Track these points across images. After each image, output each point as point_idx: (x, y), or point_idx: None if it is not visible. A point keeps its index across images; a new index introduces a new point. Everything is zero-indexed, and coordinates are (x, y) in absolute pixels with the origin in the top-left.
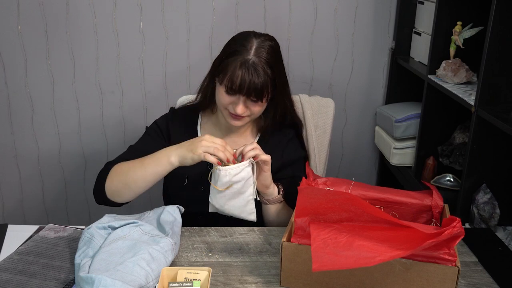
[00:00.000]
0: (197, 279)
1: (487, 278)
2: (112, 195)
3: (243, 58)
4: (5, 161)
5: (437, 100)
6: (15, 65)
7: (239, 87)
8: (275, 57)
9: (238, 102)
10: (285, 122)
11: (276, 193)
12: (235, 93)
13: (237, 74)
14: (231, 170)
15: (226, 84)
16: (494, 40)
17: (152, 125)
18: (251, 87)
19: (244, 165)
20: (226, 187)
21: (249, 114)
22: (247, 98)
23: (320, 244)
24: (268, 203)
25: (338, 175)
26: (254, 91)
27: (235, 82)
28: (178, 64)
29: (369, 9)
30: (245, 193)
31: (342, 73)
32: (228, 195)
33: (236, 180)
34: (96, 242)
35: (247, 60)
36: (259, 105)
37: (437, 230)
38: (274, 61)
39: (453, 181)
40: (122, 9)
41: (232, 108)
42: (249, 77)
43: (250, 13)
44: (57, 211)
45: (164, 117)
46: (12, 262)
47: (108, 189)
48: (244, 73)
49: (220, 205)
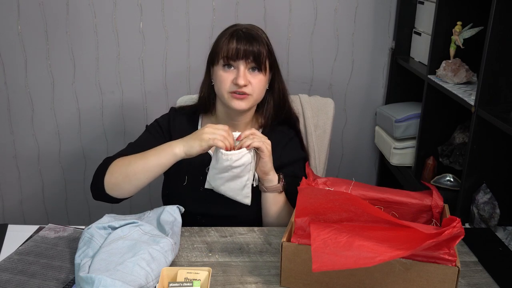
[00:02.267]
0: (197, 279)
1: (487, 278)
2: (111, 189)
3: (234, 30)
4: (4, 161)
5: (437, 100)
6: (15, 65)
7: (236, 52)
8: (266, 36)
9: (238, 73)
10: (283, 115)
11: (276, 181)
12: (233, 60)
13: (231, 42)
14: (233, 156)
15: (223, 55)
16: (494, 40)
17: (153, 123)
18: (247, 51)
19: (245, 152)
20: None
21: (251, 91)
22: (246, 65)
23: (320, 244)
24: (266, 191)
25: (338, 175)
26: (252, 55)
27: (231, 48)
28: (178, 64)
29: (369, 9)
30: (243, 178)
31: (342, 73)
32: (226, 177)
33: (236, 165)
34: (96, 242)
35: (239, 29)
36: (260, 78)
37: (437, 230)
38: (266, 36)
39: (453, 181)
40: (122, 9)
41: (234, 85)
42: (244, 42)
43: (250, 13)
44: (57, 211)
45: (165, 116)
46: (12, 262)
47: (107, 183)
48: (238, 39)
49: (217, 185)
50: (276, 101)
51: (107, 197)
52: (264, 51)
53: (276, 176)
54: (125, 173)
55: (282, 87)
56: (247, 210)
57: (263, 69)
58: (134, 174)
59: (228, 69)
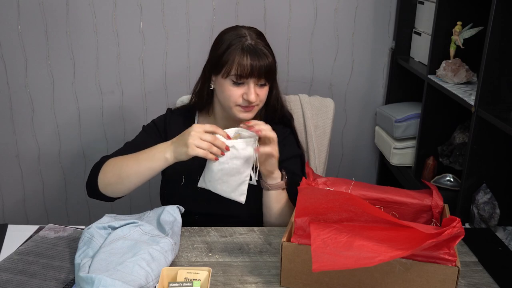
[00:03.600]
0: (197, 279)
1: (487, 278)
2: (104, 189)
3: (244, 44)
4: (6, 161)
5: (437, 100)
6: (15, 65)
7: (250, 71)
8: (267, 41)
9: (249, 90)
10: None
11: (279, 179)
12: (246, 78)
13: (244, 58)
14: (237, 144)
15: (235, 72)
16: (494, 40)
17: (149, 123)
18: (261, 68)
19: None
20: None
21: (258, 102)
22: (256, 82)
23: (320, 244)
24: (270, 188)
25: (338, 175)
26: (264, 72)
27: (245, 67)
28: (178, 64)
29: (369, 9)
30: (243, 174)
31: (342, 73)
32: (225, 170)
33: (239, 155)
34: (96, 242)
35: (249, 44)
36: (266, 89)
37: (437, 230)
38: (268, 45)
39: (453, 181)
40: (122, 9)
41: (244, 99)
42: (256, 59)
43: (250, 13)
44: (57, 211)
45: (161, 117)
46: (12, 262)
47: (101, 182)
48: (251, 56)
49: (214, 179)
50: (271, 104)
51: (101, 196)
52: (274, 64)
53: (279, 173)
54: (118, 174)
55: (277, 92)
56: (243, 208)
57: (270, 82)
58: (126, 176)
59: (237, 85)
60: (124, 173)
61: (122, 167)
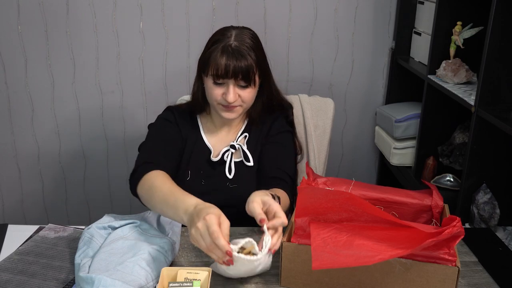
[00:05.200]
0: (197, 279)
1: (487, 278)
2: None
3: (224, 44)
4: (5, 161)
5: (437, 100)
6: (15, 65)
7: (225, 71)
8: (256, 43)
9: (228, 90)
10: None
11: None
12: (223, 78)
13: (221, 59)
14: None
15: (212, 72)
16: (494, 40)
17: (158, 119)
18: (236, 69)
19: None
20: None
21: (241, 103)
22: (235, 83)
23: (320, 243)
24: None
25: (338, 175)
26: (240, 73)
27: (220, 67)
28: (178, 64)
29: (369, 9)
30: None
31: (342, 73)
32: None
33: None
34: (96, 242)
35: (229, 45)
36: (249, 91)
37: (437, 229)
38: (255, 46)
39: (453, 181)
40: (122, 9)
41: (223, 99)
42: (233, 60)
43: (250, 13)
44: (57, 211)
45: (167, 112)
46: (12, 262)
47: (139, 195)
48: (228, 57)
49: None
50: (264, 102)
51: None
52: (253, 66)
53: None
54: (148, 203)
55: (270, 90)
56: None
57: (252, 83)
58: (153, 208)
59: (217, 85)
60: (152, 207)
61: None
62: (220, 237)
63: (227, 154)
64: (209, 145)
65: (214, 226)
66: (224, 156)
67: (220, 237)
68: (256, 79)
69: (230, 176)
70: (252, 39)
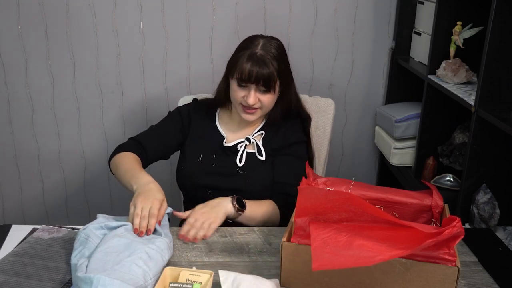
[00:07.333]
0: (198, 281)
1: (487, 278)
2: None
3: (251, 52)
4: (5, 161)
5: (437, 100)
6: (15, 65)
7: (248, 76)
8: (280, 53)
9: (249, 93)
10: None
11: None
12: (245, 82)
13: (246, 65)
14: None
15: (237, 76)
16: (494, 40)
17: (174, 110)
18: (258, 75)
19: None
20: None
21: (260, 106)
22: (256, 88)
23: (320, 243)
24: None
25: (338, 175)
26: (262, 79)
27: (244, 72)
28: (178, 64)
29: (369, 9)
30: None
31: (342, 73)
32: None
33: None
34: (92, 242)
35: (254, 53)
36: (269, 96)
37: (437, 229)
38: (279, 57)
39: (453, 181)
40: (122, 9)
41: (245, 100)
42: (256, 67)
43: (250, 13)
44: (57, 211)
45: (186, 105)
46: (7, 263)
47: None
48: (252, 63)
49: None
50: (282, 108)
51: None
52: (274, 74)
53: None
54: (115, 171)
55: (290, 98)
56: (255, 184)
57: (271, 90)
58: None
59: (241, 87)
60: (117, 175)
61: (117, 171)
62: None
63: (241, 144)
64: (223, 133)
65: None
66: (238, 146)
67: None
68: (276, 86)
69: (240, 164)
70: (277, 49)
